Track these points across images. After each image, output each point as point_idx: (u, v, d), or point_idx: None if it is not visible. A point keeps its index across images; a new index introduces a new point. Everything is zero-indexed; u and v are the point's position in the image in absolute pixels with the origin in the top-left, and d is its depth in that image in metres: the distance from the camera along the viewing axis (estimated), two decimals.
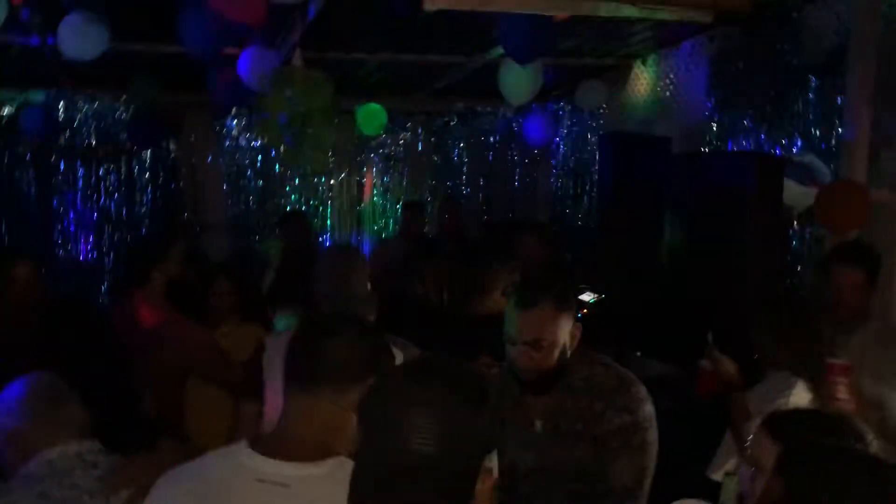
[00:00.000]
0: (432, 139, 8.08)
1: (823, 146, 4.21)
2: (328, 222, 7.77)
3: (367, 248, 7.53)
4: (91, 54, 4.29)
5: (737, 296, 3.65)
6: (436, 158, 8.12)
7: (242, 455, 1.65)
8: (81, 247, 7.09)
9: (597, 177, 6.23)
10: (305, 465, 1.64)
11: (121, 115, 6.88)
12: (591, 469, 2.42)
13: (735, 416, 2.94)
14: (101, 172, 7.07)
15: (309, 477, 1.63)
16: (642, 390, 2.48)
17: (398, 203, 7.79)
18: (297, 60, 4.14)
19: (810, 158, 3.95)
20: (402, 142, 7.95)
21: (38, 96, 6.55)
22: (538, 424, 2.49)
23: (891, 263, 3.50)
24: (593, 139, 6.73)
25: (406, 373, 1.40)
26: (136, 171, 7.16)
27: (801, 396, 2.83)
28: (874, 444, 1.75)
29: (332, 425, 1.67)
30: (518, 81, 4.78)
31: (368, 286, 2.69)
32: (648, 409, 2.46)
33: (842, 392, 2.79)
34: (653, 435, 2.45)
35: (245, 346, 3.31)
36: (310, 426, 1.67)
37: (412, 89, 7.07)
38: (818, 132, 4.27)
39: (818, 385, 2.82)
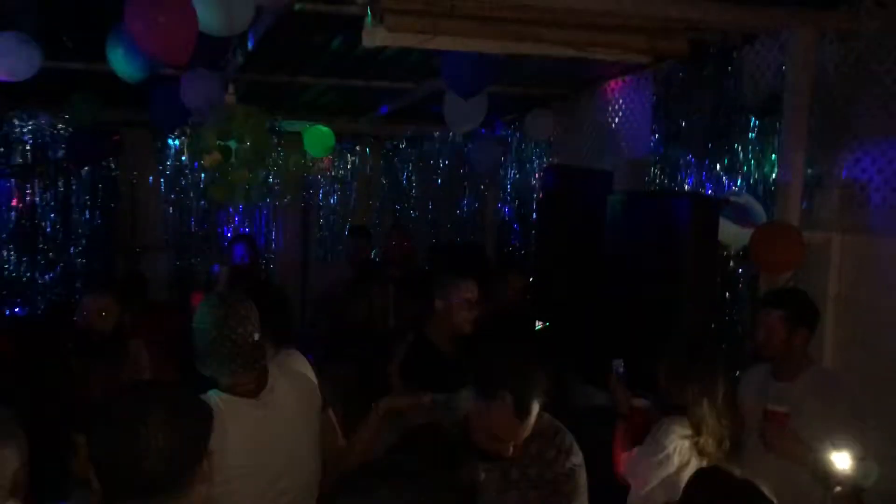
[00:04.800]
0: (381, 162, 8.04)
1: (761, 186, 4.27)
2: (272, 245, 7.67)
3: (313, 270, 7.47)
4: (23, 75, 4.18)
5: (668, 333, 3.67)
6: (384, 181, 8.07)
7: None
8: (14, 265, 6.88)
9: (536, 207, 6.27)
10: None
11: (59, 132, 6.71)
12: None
13: (616, 442, 3.18)
14: (37, 190, 6.87)
15: None
16: (569, 434, 2.60)
17: (346, 225, 7.74)
18: (229, 96, 4.07)
19: (746, 199, 3.99)
20: (349, 165, 7.89)
21: None
22: (482, 475, 2.47)
23: (822, 304, 3.54)
24: (541, 167, 6.76)
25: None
26: (73, 188, 6.98)
27: (675, 440, 2.95)
28: None
29: None
30: (462, 111, 4.77)
31: (256, 336, 2.49)
32: (580, 452, 2.59)
33: (778, 438, 2.86)
34: (586, 477, 2.60)
35: None
36: None
37: (360, 112, 7.03)
38: (756, 172, 4.32)
39: (705, 425, 2.91)
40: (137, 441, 1.44)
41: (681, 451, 2.95)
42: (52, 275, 6.96)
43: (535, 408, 2.37)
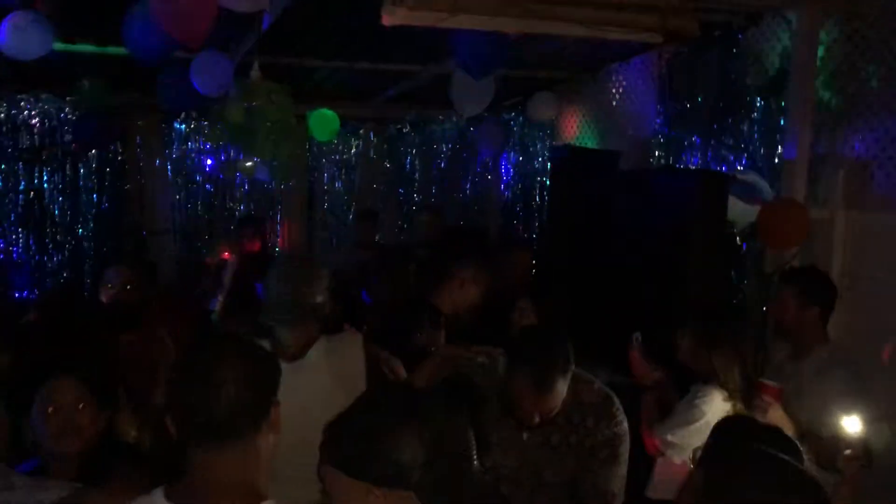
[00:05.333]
0: (385, 146, 8.08)
1: (766, 165, 4.35)
2: (277, 228, 7.72)
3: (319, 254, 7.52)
4: (34, 55, 4.20)
5: (680, 308, 3.74)
6: (388, 165, 8.12)
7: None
8: (23, 248, 6.93)
9: (547, 188, 6.31)
10: None
11: (66, 115, 6.74)
12: (579, 478, 2.61)
13: (644, 415, 3.16)
14: (44, 174, 6.92)
15: None
16: (620, 405, 2.67)
17: (349, 209, 7.79)
18: (254, 72, 4.11)
19: (753, 177, 4.07)
20: (353, 149, 7.93)
21: None
22: (525, 435, 2.62)
23: None
24: (544, 151, 6.82)
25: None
26: (82, 173, 7.02)
27: (716, 406, 2.93)
28: (805, 461, 1.84)
29: (250, 469, 1.59)
30: (470, 94, 4.82)
31: (323, 297, 2.66)
32: (626, 423, 2.67)
33: (768, 413, 2.88)
34: (628, 446, 2.68)
35: None
36: (226, 474, 1.56)
37: (365, 96, 7.07)
38: (762, 151, 4.39)
39: (741, 398, 2.93)
40: (211, 387, 1.53)
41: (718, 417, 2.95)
42: (59, 258, 7.00)
43: (558, 383, 2.46)
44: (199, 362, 1.60)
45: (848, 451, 2.63)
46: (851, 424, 2.66)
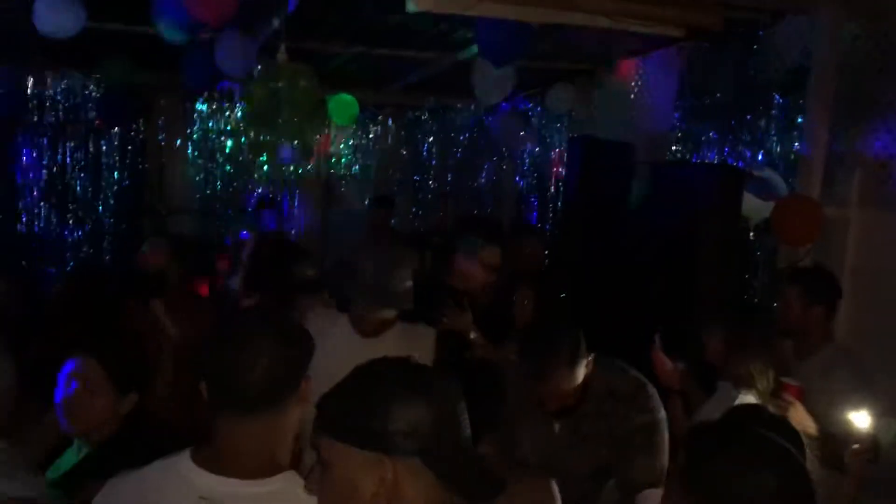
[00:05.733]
0: (402, 132, 8.12)
1: (783, 161, 4.37)
2: (295, 210, 7.79)
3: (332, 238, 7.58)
4: (67, 32, 4.27)
5: (692, 301, 3.78)
6: (404, 152, 8.17)
7: (185, 469, 1.60)
8: (44, 223, 7.03)
9: (563, 178, 6.34)
10: (250, 483, 1.59)
11: (90, 92, 6.82)
12: (612, 468, 2.57)
13: (674, 420, 3.02)
14: (67, 150, 7.00)
15: (254, 495, 1.58)
16: (656, 393, 2.65)
17: (366, 194, 7.85)
18: (281, 55, 4.16)
19: (769, 173, 4.09)
20: (371, 134, 7.98)
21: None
22: (556, 426, 2.64)
23: (839, 278, 3.63)
24: (561, 142, 6.85)
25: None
26: (104, 149, 7.11)
27: None
28: (808, 455, 1.83)
29: (275, 439, 1.63)
30: (490, 82, 4.85)
31: (409, 283, 2.77)
32: (662, 411, 2.63)
33: (790, 412, 2.84)
34: (667, 435, 2.63)
35: None
36: (251, 443, 1.61)
37: (384, 82, 7.11)
38: (779, 148, 4.41)
39: (766, 397, 2.92)
40: (246, 359, 1.57)
41: None
42: (80, 233, 7.10)
43: (559, 371, 2.48)
44: (236, 334, 1.63)
45: (856, 446, 2.66)
46: (860, 419, 2.69)
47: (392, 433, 1.34)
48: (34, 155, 6.94)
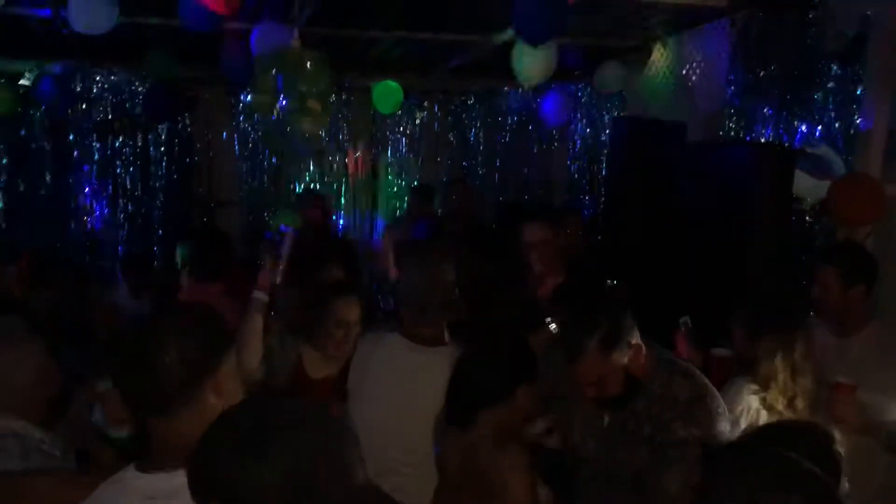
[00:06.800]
0: (449, 118, 8.01)
1: (841, 137, 4.12)
2: (342, 201, 7.76)
3: (379, 228, 7.52)
4: (101, 29, 4.29)
5: (738, 288, 3.59)
6: (452, 138, 8.05)
7: (130, 477, 1.62)
8: (97, 219, 7.16)
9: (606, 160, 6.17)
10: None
11: (137, 88, 6.90)
12: (646, 474, 2.42)
13: None
14: (116, 146, 7.11)
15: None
16: (719, 405, 2.43)
17: (414, 182, 7.76)
18: (294, 42, 4.08)
19: (824, 150, 3.85)
20: (418, 121, 7.88)
21: (54, 68, 6.57)
22: (606, 419, 2.53)
23: None
24: (611, 122, 6.64)
25: None
26: (151, 145, 7.20)
27: (742, 399, 2.80)
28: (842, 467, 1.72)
29: (202, 428, 1.56)
30: (530, 63, 4.70)
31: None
32: (723, 425, 2.41)
33: (844, 412, 2.72)
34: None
35: None
36: (179, 439, 1.58)
37: (429, 67, 7.00)
38: (837, 122, 4.17)
39: (781, 392, 2.77)
40: (146, 367, 1.58)
41: (749, 411, 2.78)
42: (130, 228, 7.22)
43: (588, 351, 2.35)
44: (134, 343, 1.63)
45: None
46: None
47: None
48: (84, 153, 7.06)
